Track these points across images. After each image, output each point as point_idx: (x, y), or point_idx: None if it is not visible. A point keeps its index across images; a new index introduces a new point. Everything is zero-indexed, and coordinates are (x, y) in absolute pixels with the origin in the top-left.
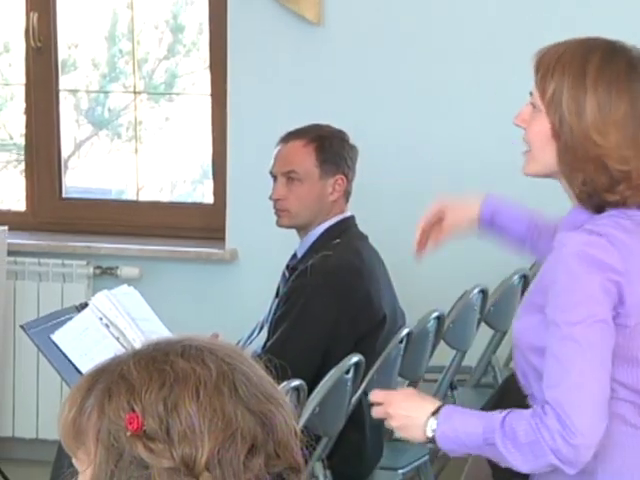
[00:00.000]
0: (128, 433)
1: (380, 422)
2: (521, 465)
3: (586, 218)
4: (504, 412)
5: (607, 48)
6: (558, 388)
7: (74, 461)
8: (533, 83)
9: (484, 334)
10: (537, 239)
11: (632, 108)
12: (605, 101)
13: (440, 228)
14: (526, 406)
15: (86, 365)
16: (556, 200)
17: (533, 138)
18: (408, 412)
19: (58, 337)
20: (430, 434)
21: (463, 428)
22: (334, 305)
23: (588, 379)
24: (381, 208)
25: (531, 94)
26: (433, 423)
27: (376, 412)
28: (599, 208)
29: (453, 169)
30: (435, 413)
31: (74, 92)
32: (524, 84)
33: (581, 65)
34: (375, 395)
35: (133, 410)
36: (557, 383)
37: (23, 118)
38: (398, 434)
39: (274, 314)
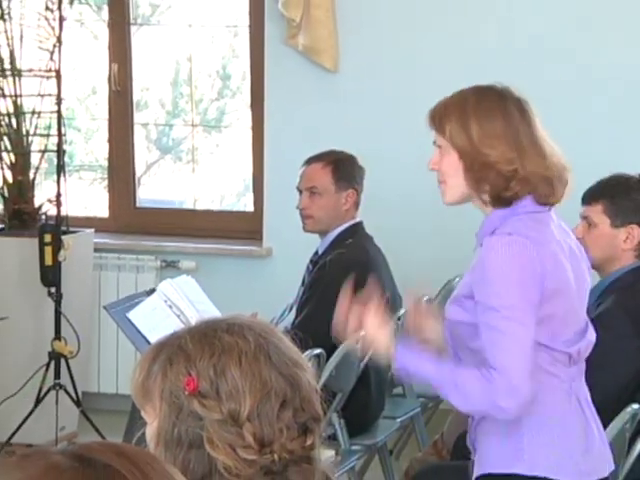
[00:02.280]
0: (186, 392)
1: (383, 381)
2: (462, 407)
3: (497, 225)
4: (453, 369)
5: (479, 88)
6: (505, 357)
7: (143, 414)
8: (434, 134)
9: None
10: None
11: (506, 122)
12: (484, 122)
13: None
14: None
15: (154, 337)
16: None
17: (446, 170)
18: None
19: (133, 315)
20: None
21: (416, 369)
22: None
23: (527, 350)
24: (383, 215)
25: (434, 142)
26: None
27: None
28: (506, 204)
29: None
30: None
31: (145, 125)
32: None
33: (461, 104)
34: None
35: (190, 374)
36: (503, 353)
37: (106, 145)
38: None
39: (300, 298)
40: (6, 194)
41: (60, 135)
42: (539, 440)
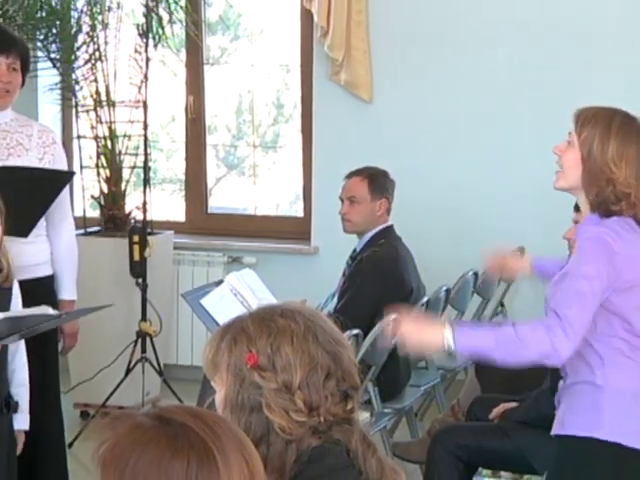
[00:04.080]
0: (248, 366)
1: (409, 356)
2: (523, 358)
3: (597, 223)
4: (512, 328)
5: (626, 115)
6: (569, 308)
7: (212, 384)
8: (572, 126)
9: (475, 301)
10: None
11: (638, 152)
12: (622, 146)
13: (502, 268)
14: None
15: (222, 319)
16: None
17: (566, 162)
18: (422, 333)
19: (205, 301)
20: (447, 346)
21: (477, 342)
22: (380, 283)
23: (587, 311)
24: (411, 220)
25: (569, 134)
26: (449, 338)
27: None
28: (606, 214)
29: (454, 195)
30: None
31: (215, 146)
32: (518, 142)
33: (608, 122)
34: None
35: (251, 351)
36: (569, 305)
37: (183, 163)
38: (414, 351)
39: (341, 288)
40: (102, 202)
41: (146, 154)
42: (618, 411)
